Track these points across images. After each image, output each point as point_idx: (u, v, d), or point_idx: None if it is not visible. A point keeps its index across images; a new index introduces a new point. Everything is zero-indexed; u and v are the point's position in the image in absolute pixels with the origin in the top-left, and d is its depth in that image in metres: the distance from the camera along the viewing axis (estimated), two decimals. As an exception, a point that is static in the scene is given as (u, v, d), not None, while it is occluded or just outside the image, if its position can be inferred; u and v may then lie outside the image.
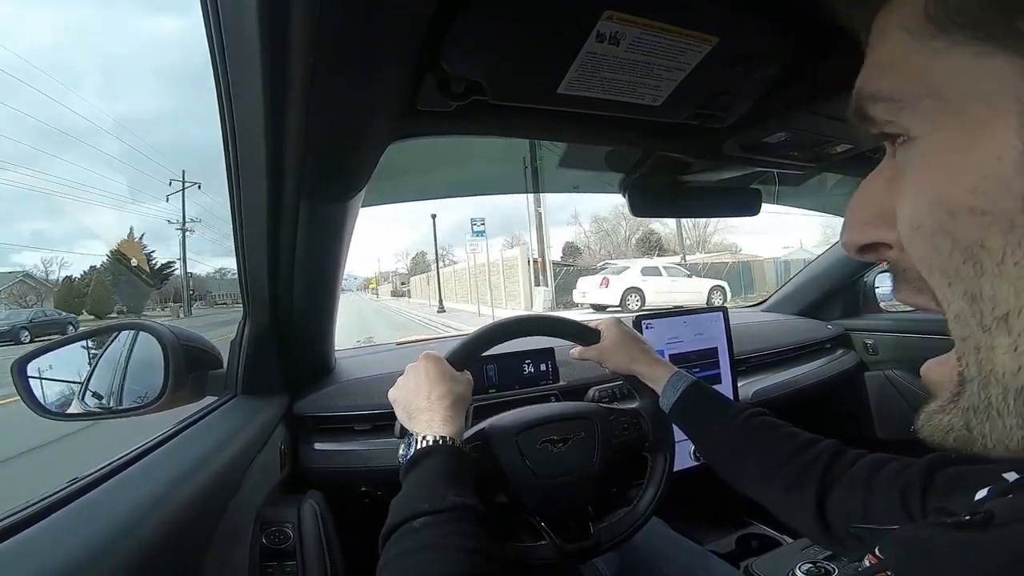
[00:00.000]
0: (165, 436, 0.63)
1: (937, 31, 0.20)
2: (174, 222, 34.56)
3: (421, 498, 0.48)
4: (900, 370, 1.36)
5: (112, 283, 35.21)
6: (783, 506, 0.54)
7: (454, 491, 0.48)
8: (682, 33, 0.41)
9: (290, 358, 0.85)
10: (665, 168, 0.79)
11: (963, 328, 0.21)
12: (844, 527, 0.48)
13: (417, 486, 0.50)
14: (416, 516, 0.45)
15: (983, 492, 0.27)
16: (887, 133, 0.24)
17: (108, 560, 0.39)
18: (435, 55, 0.40)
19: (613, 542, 0.66)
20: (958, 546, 0.23)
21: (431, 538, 0.44)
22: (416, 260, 58.45)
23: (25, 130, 53.46)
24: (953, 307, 0.21)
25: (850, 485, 0.48)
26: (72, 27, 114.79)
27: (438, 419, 0.55)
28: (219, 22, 0.38)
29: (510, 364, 0.99)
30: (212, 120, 0.49)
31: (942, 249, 0.21)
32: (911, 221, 0.22)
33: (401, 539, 0.45)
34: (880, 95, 0.23)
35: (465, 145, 0.80)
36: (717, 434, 0.62)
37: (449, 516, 0.46)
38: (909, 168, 0.22)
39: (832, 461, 0.51)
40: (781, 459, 0.54)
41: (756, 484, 0.57)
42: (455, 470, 0.51)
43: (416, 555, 0.43)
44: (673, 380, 0.66)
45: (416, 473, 0.51)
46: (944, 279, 0.21)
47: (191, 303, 35.22)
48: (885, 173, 0.24)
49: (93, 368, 0.78)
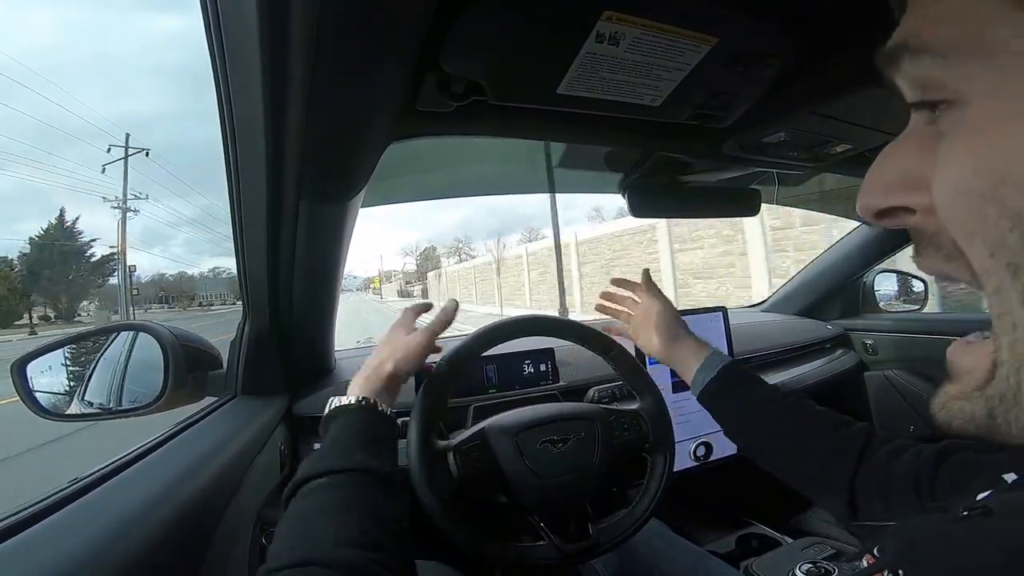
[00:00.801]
0: (165, 437, 0.63)
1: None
2: (112, 200, 25.57)
3: (325, 457, 0.46)
4: (900, 370, 1.36)
5: (29, 279, 27.24)
6: (815, 485, 0.55)
7: (361, 452, 0.47)
8: (682, 33, 0.41)
9: (290, 358, 0.85)
10: (664, 168, 0.79)
11: (1002, 303, 0.20)
12: (869, 510, 0.49)
13: (326, 445, 0.49)
14: (316, 476, 0.44)
15: (984, 495, 0.27)
16: (926, 101, 0.22)
17: (108, 560, 0.39)
18: (435, 55, 0.40)
19: (612, 543, 0.66)
20: (958, 538, 0.23)
21: (328, 499, 0.43)
22: (426, 255, 55.11)
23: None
24: (993, 279, 0.20)
25: (873, 468, 0.49)
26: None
27: (360, 379, 0.56)
28: (219, 22, 0.38)
29: (510, 364, 0.99)
30: (204, 115, 0.49)
31: (988, 217, 0.20)
32: (956, 186, 0.21)
33: (298, 500, 0.44)
34: (930, 47, 0.21)
35: (465, 144, 0.80)
36: (756, 413, 0.63)
37: (349, 478, 0.44)
38: (954, 132, 0.21)
39: (866, 444, 0.52)
40: (821, 435, 0.56)
41: (789, 463, 0.58)
42: (364, 430, 0.50)
43: (312, 517, 0.41)
44: (709, 360, 0.67)
45: (330, 432, 0.51)
46: (986, 248, 0.20)
47: (132, 304, 26.12)
48: (916, 139, 0.23)
49: (93, 368, 0.78)
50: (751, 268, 6.58)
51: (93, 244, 35.71)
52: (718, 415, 0.67)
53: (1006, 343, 0.20)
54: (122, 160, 25.58)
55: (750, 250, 6.54)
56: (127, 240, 24.59)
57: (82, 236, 35.21)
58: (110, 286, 34.08)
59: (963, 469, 0.40)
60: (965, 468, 0.40)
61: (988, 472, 0.31)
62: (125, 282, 24.83)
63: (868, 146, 0.68)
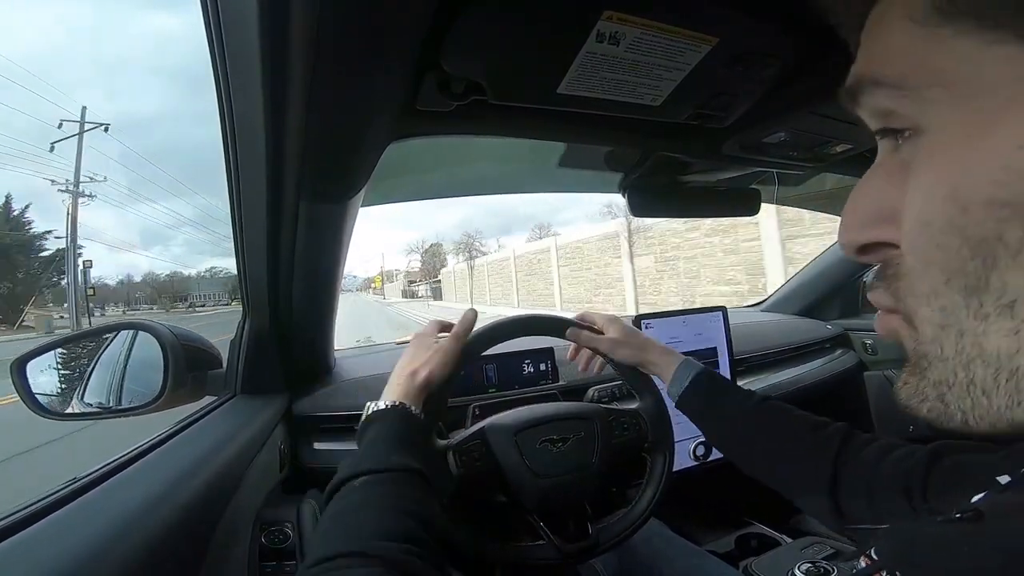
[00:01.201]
0: (164, 436, 0.63)
1: (942, 19, 0.20)
2: (62, 183, 20.98)
3: (364, 459, 0.48)
4: (900, 370, 1.35)
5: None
6: (795, 486, 0.55)
7: (397, 452, 0.49)
8: (682, 33, 0.41)
9: (290, 358, 0.85)
10: (665, 168, 0.79)
11: (945, 317, 0.21)
12: (852, 509, 0.49)
13: (365, 447, 0.51)
14: (356, 476, 0.46)
15: (979, 496, 0.27)
16: (889, 128, 0.23)
17: (107, 559, 0.39)
18: (435, 55, 0.40)
19: (612, 542, 0.66)
20: (950, 540, 0.23)
21: (368, 497, 0.44)
22: (433, 251, 51.54)
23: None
24: (939, 301, 0.21)
25: (858, 468, 0.49)
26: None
27: (394, 385, 0.58)
28: (219, 22, 0.38)
29: (510, 364, 0.99)
30: (205, 115, 0.49)
31: (949, 246, 0.20)
32: (919, 217, 0.21)
33: (338, 499, 0.45)
34: (883, 80, 0.22)
35: (464, 144, 0.80)
36: (729, 417, 0.62)
37: (388, 477, 0.46)
38: (917, 162, 0.21)
39: (844, 443, 0.52)
40: (795, 438, 0.55)
41: (769, 465, 0.58)
42: (400, 432, 0.52)
43: (353, 513, 0.43)
44: (682, 367, 0.67)
45: (365, 438, 0.52)
46: (942, 276, 0.21)
47: (88, 306, 21.33)
48: (884, 170, 0.24)
49: (92, 368, 0.78)
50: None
51: (47, 237, 31.34)
52: (698, 421, 0.67)
53: (950, 343, 0.21)
54: (76, 137, 21.19)
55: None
56: (78, 228, 20.12)
57: (32, 227, 30.89)
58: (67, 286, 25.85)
59: (956, 471, 0.40)
60: (957, 470, 0.40)
61: (981, 474, 0.31)
62: (75, 281, 20.38)
63: (868, 146, 0.68)
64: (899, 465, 0.45)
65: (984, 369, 0.20)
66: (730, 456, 0.63)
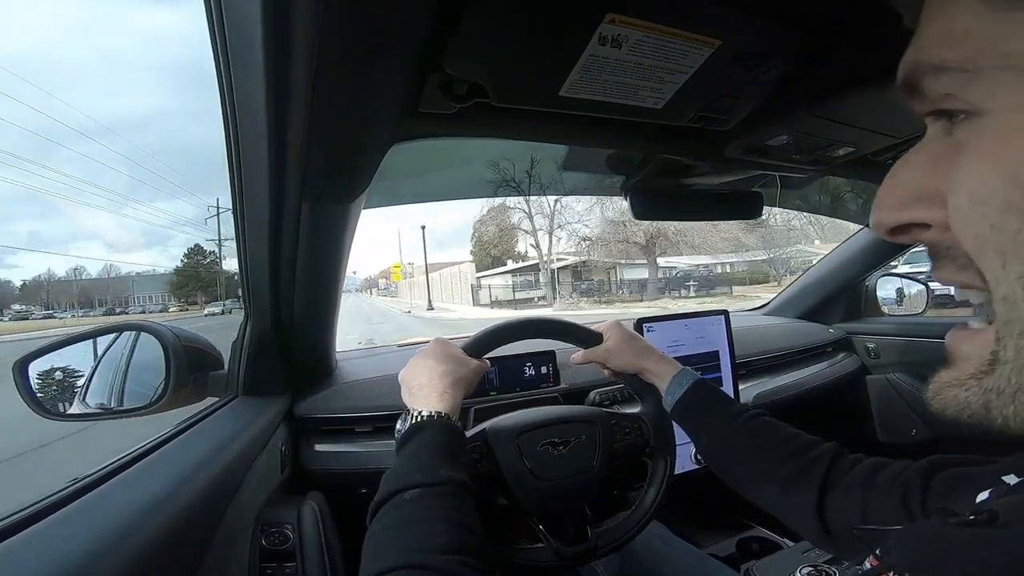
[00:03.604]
0: (166, 437, 0.63)
1: (1013, 2, 0.19)
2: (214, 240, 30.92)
3: (412, 470, 0.48)
4: (902, 374, 1.35)
5: None
6: (782, 507, 0.54)
7: (445, 465, 0.48)
8: (684, 36, 0.41)
9: (291, 359, 0.85)
10: (667, 171, 0.79)
11: (1010, 311, 0.20)
12: (843, 529, 0.47)
13: (409, 459, 0.50)
14: (406, 488, 0.45)
15: (984, 494, 0.27)
16: (943, 110, 0.23)
17: (108, 561, 0.39)
18: (438, 57, 0.41)
19: (611, 546, 0.66)
20: (965, 543, 0.23)
21: (420, 510, 0.44)
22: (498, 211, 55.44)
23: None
24: (1002, 288, 0.21)
25: (849, 487, 0.48)
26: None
27: (435, 395, 0.56)
28: (223, 24, 0.38)
29: (511, 367, 0.99)
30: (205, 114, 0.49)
31: (1006, 227, 0.20)
32: (973, 198, 0.21)
33: (390, 511, 0.45)
34: (947, 64, 0.22)
35: (467, 147, 0.80)
36: (719, 433, 0.61)
37: (440, 490, 0.46)
38: (974, 143, 0.21)
39: (832, 463, 0.51)
40: (782, 459, 0.54)
41: (755, 485, 0.57)
42: (447, 444, 0.52)
43: (404, 527, 0.43)
44: (678, 377, 0.66)
45: (409, 447, 0.51)
46: (998, 259, 0.20)
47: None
48: (930, 150, 0.23)
49: (94, 368, 0.78)
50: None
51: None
52: (689, 433, 0.65)
53: (1012, 345, 0.21)
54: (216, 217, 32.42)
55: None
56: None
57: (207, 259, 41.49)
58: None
59: (957, 477, 0.40)
60: (959, 476, 0.40)
61: (983, 480, 0.30)
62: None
63: (870, 149, 0.68)
64: (895, 478, 0.45)
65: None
66: (718, 473, 0.62)
